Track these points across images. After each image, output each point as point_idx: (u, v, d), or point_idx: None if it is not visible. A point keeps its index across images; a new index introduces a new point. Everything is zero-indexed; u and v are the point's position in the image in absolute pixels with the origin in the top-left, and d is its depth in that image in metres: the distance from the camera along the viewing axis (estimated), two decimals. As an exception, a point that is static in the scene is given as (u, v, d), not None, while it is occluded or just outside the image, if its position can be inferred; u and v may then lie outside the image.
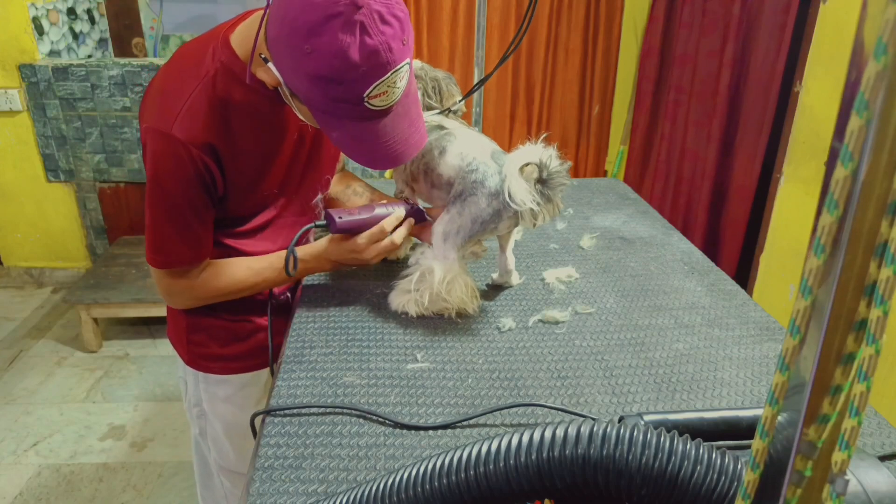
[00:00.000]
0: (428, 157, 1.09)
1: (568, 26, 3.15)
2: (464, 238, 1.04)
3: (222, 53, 0.95)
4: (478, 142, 1.08)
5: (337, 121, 0.88)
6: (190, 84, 0.94)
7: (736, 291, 1.19)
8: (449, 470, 0.56)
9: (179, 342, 1.20)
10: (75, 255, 3.16)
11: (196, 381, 1.21)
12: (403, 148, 0.92)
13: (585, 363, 0.97)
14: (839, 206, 0.30)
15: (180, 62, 0.99)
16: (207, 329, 1.16)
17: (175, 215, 0.98)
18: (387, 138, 0.90)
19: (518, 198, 0.96)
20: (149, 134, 0.94)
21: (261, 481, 0.74)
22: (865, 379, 0.31)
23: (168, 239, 1.00)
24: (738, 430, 0.70)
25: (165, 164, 0.94)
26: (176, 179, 0.95)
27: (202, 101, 0.93)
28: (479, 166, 1.02)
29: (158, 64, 2.76)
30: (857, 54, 0.30)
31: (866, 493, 0.47)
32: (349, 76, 0.81)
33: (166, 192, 0.96)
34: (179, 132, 0.92)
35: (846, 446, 0.32)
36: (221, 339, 1.16)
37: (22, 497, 1.98)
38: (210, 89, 0.94)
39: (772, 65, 2.32)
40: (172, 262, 1.02)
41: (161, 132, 0.92)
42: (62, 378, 2.54)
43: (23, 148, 2.91)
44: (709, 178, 2.69)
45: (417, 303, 1.06)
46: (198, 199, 0.98)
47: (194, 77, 0.94)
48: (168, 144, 0.92)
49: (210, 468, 1.32)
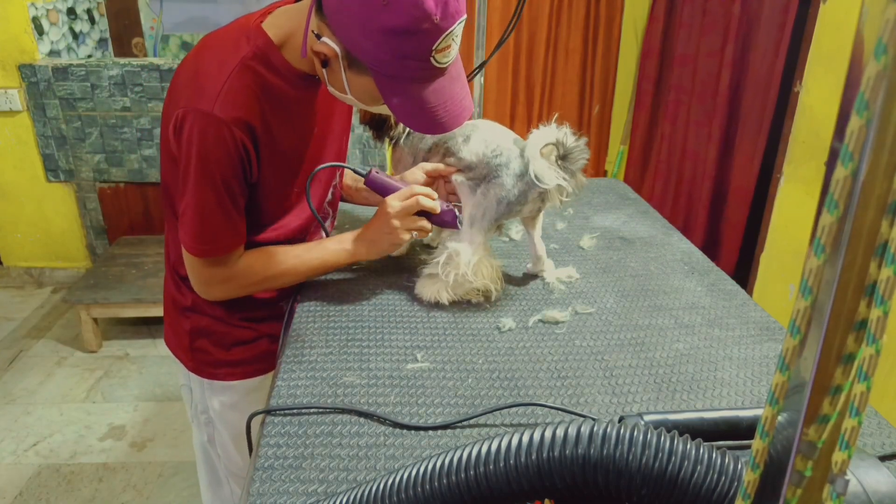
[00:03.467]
0: (451, 143, 1.14)
1: (568, 26, 3.15)
2: (490, 221, 1.09)
3: (258, 39, 0.94)
4: (500, 130, 1.14)
5: (399, 85, 0.88)
6: (228, 65, 0.92)
7: (736, 291, 1.19)
8: (449, 470, 0.56)
9: (182, 349, 1.18)
10: (75, 255, 3.16)
11: (202, 388, 1.20)
12: (458, 110, 0.93)
13: (585, 363, 0.97)
14: (839, 206, 0.30)
15: (214, 47, 0.96)
16: (211, 335, 1.14)
17: (223, 199, 0.95)
18: (444, 100, 0.91)
19: (544, 177, 1.02)
20: (188, 115, 0.91)
21: (261, 481, 0.74)
22: (865, 379, 0.31)
23: (217, 226, 0.97)
24: (738, 430, 0.70)
25: (211, 144, 0.91)
26: (222, 159, 0.92)
27: (241, 81, 0.92)
28: (504, 151, 1.09)
29: (158, 64, 2.76)
30: (857, 54, 0.30)
31: (866, 493, 0.47)
32: (423, 26, 0.82)
33: (214, 173, 0.93)
34: (221, 111, 0.90)
35: (846, 446, 0.32)
36: (225, 344, 1.15)
37: (22, 497, 1.98)
38: (249, 71, 0.93)
39: (771, 64, 2.32)
40: (218, 249, 0.99)
41: (202, 111, 0.90)
42: (62, 378, 2.54)
43: (23, 148, 2.91)
44: (708, 178, 2.69)
45: (447, 288, 1.09)
46: (238, 185, 0.96)
47: (232, 59, 0.93)
48: (211, 124, 0.90)
49: (219, 475, 1.31)
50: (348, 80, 0.92)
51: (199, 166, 0.92)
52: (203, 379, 1.18)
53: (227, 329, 1.14)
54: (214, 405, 1.20)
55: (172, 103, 0.95)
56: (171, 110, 0.95)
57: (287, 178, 1.07)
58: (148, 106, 2.81)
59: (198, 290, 1.06)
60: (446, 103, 0.91)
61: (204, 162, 0.92)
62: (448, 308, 1.10)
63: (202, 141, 0.91)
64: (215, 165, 0.92)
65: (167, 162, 1.00)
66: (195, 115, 0.90)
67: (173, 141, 0.94)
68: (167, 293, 1.20)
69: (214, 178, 0.93)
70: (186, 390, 1.25)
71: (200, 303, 1.12)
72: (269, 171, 1.01)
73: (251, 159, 0.96)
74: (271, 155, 0.99)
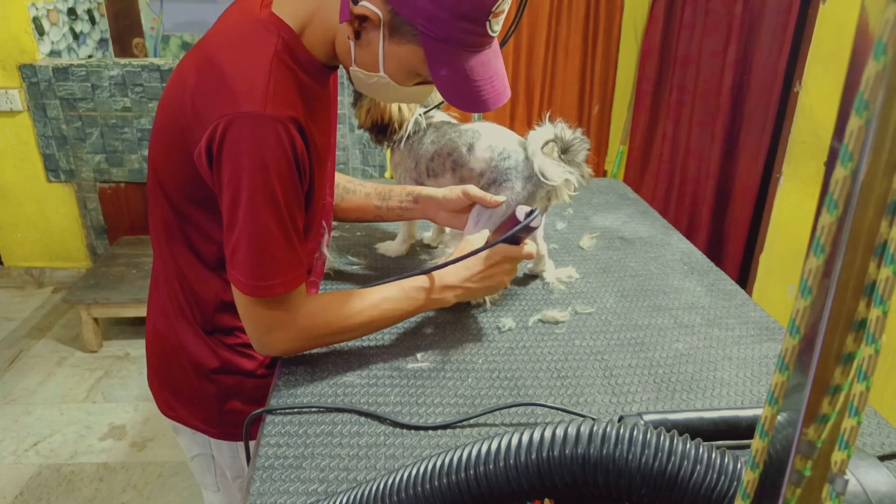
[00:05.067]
0: (455, 154, 1.14)
1: (568, 26, 3.15)
2: (495, 223, 1.09)
3: (281, 30, 0.82)
4: (503, 133, 1.14)
5: (449, 51, 0.80)
6: (261, 62, 0.79)
7: (735, 291, 1.19)
8: (449, 469, 0.56)
9: (200, 418, 1.03)
10: (76, 255, 3.16)
11: (234, 453, 1.06)
12: (501, 88, 0.86)
13: (585, 363, 0.97)
14: (839, 206, 0.31)
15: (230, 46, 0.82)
16: (241, 393, 1.01)
17: (284, 220, 0.81)
18: (490, 74, 0.84)
19: (551, 174, 1.04)
20: (234, 122, 0.77)
21: (261, 481, 0.74)
22: (865, 379, 0.31)
23: (279, 256, 0.83)
24: (738, 430, 0.70)
25: (269, 150, 0.78)
26: (283, 168, 0.79)
27: (283, 76, 0.81)
28: (511, 154, 1.09)
29: (159, 64, 2.76)
30: (856, 54, 0.30)
31: (866, 493, 0.47)
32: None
33: (273, 187, 0.79)
34: (274, 110, 0.77)
35: (846, 446, 0.32)
36: (257, 399, 1.01)
37: (22, 497, 1.98)
38: (284, 66, 0.81)
39: (773, 65, 2.32)
40: (282, 284, 0.84)
41: (252, 114, 0.76)
42: (62, 378, 2.54)
43: (23, 148, 2.91)
44: (709, 179, 2.69)
45: None
46: (297, 201, 0.83)
47: (261, 55, 0.80)
48: (265, 125, 0.77)
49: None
50: (386, 52, 0.81)
51: (256, 180, 0.78)
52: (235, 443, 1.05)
53: (259, 381, 1.02)
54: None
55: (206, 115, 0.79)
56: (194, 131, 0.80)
57: (322, 184, 0.95)
58: (148, 106, 2.81)
59: (258, 341, 0.89)
60: (492, 78, 0.84)
61: (262, 173, 0.78)
62: (448, 308, 1.10)
63: (257, 148, 0.77)
64: (275, 176, 0.79)
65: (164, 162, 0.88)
66: (243, 119, 0.76)
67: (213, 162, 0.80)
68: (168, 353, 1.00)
69: (274, 194, 0.79)
70: (205, 459, 1.08)
71: (234, 360, 0.99)
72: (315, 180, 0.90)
73: (305, 167, 0.84)
74: (315, 161, 0.88)
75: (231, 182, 0.79)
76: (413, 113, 1.16)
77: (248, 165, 0.78)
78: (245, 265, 0.82)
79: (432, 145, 1.17)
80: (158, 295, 0.99)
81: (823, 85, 2.09)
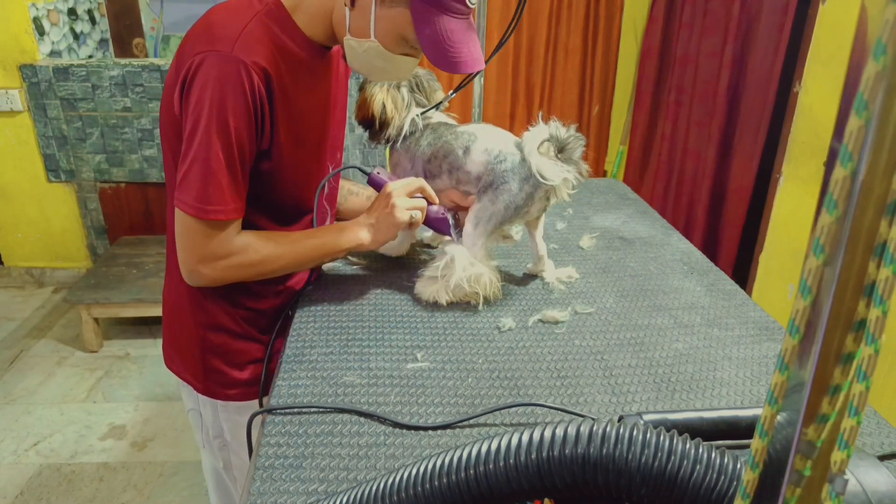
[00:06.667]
0: (451, 157, 1.13)
1: (568, 26, 3.15)
2: (495, 225, 1.10)
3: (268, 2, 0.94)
4: (499, 135, 1.13)
5: (432, 14, 0.89)
6: (244, 15, 0.91)
7: (735, 291, 1.19)
8: (449, 469, 0.56)
9: (191, 372, 1.12)
10: (76, 255, 3.16)
11: (215, 412, 1.14)
12: (476, 55, 0.95)
13: (585, 363, 0.97)
14: (838, 206, 0.31)
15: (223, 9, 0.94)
16: (226, 354, 1.09)
17: (232, 154, 0.90)
18: (466, 41, 0.93)
19: (549, 174, 1.04)
20: (206, 59, 0.87)
21: (261, 481, 0.74)
22: (865, 379, 0.31)
23: (225, 184, 0.91)
24: (738, 430, 0.70)
25: (229, 86, 0.87)
26: (239, 105, 0.88)
27: (259, 31, 0.91)
28: (508, 156, 1.08)
29: (159, 64, 2.76)
30: (856, 54, 0.30)
31: (865, 493, 0.47)
32: None
33: (227, 121, 0.88)
34: (241, 53, 0.87)
35: (845, 446, 0.32)
36: (239, 362, 1.10)
37: (23, 497, 1.98)
38: (264, 26, 0.92)
39: (770, 65, 2.32)
40: (222, 212, 0.92)
41: (221, 53, 0.87)
42: (63, 378, 2.54)
43: (23, 148, 2.91)
44: (707, 178, 2.70)
45: (446, 290, 1.09)
46: (248, 141, 0.92)
47: (246, 13, 0.91)
48: (230, 63, 0.86)
49: (235, 502, 1.25)
50: (377, 17, 0.91)
51: (213, 111, 0.87)
52: (216, 401, 1.13)
53: (244, 346, 1.10)
54: (230, 427, 1.15)
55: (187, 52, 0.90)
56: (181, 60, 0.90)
57: (302, 149, 1.03)
58: (149, 106, 2.81)
59: (188, 268, 0.97)
60: (468, 44, 0.93)
61: (219, 107, 0.87)
62: (448, 308, 1.10)
63: (219, 82, 0.86)
64: (231, 111, 0.87)
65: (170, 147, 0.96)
66: (213, 56, 0.87)
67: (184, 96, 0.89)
68: (174, 310, 1.12)
69: (227, 127, 0.88)
70: (195, 415, 1.18)
71: (221, 318, 1.07)
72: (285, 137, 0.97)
73: (265, 112, 0.92)
74: (286, 118, 0.96)
75: (193, 112, 0.88)
76: (400, 113, 1.16)
77: (208, 98, 0.87)
78: (192, 189, 0.90)
79: (429, 147, 1.16)
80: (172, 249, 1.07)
81: (823, 85, 2.09)
